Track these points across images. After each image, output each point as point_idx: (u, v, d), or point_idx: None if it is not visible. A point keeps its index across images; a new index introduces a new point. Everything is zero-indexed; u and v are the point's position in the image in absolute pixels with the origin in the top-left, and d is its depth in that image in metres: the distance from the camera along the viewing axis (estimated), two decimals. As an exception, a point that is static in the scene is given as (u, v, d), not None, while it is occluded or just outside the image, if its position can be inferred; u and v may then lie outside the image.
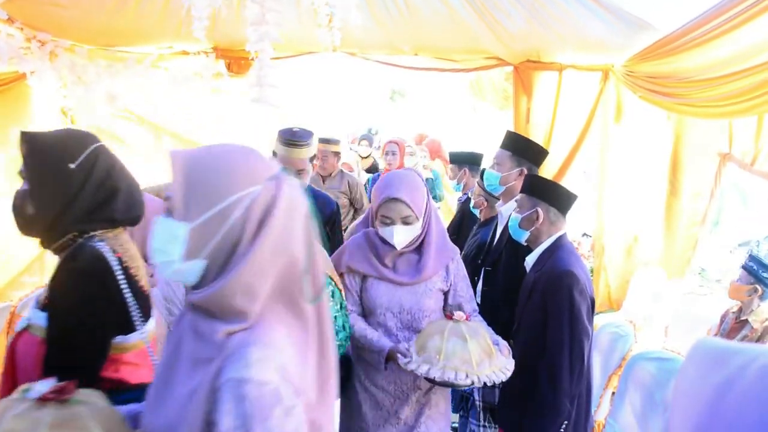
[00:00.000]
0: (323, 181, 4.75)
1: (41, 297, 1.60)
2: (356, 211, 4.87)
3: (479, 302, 2.88)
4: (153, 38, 4.18)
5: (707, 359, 0.60)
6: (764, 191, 4.41)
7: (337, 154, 4.80)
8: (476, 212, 3.56)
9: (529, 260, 2.53)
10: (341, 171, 4.90)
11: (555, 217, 2.45)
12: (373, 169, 6.56)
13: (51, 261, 4.05)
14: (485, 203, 3.40)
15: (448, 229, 4.15)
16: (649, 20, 3.61)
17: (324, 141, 4.65)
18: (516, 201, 2.59)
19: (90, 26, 3.89)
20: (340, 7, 3.03)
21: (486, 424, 2.83)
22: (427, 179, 5.64)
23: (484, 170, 3.20)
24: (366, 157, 6.78)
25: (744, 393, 0.53)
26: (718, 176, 4.11)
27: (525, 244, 2.55)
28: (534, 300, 2.38)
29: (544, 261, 2.42)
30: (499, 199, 3.10)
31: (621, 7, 3.54)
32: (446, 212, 6.41)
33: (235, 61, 4.35)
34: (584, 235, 4.74)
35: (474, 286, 2.97)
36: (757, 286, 3.19)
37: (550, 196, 2.46)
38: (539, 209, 2.44)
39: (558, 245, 2.43)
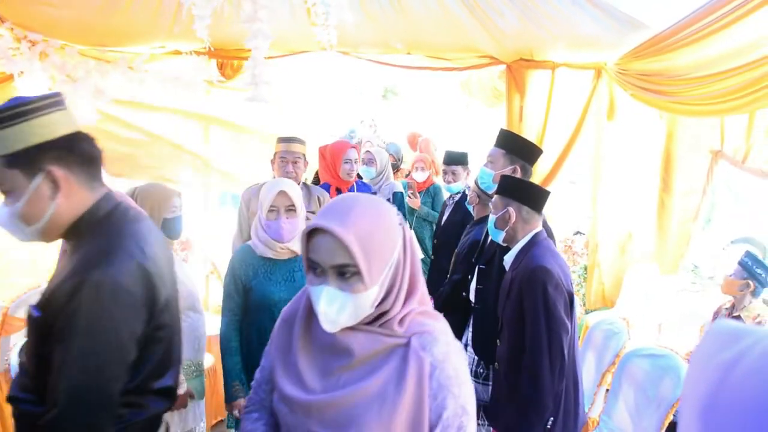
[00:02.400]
0: None
1: None
2: None
3: (474, 300, 2.89)
4: (145, 38, 4.16)
5: (719, 340, 0.63)
6: (756, 188, 4.44)
7: (304, 158, 3.64)
8: (470, 209, 3.56)
9: (507, 259, 2.55)
10: (305, 184, 3.72)
11: (528, 215, 2.47)
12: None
13: (45, 262, 4.05)
14: (477, 200, 3.41)
15: (449, 230, 4.13)
16: (641, 18, 3.62)
17: (286, 140, 3.57)
18: (491, 203, 2.61)
19: (82, 26, 3.87)
20: (334, 6, 3.03)
21: (480, 422, 2.84)
22: (394, 194, 4.58)
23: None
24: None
25: (747, 369, 0.55)
26: (710, 173, 4.14)
27: (504, 244, 2.57)
28: (512, 299, 2.39)
29: (520, 259, 2.43)
30: (492, 197, 3.10)
31: (613, 5, 3.55)
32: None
33: (228, 61, 4.34)
34: (577, 233, 4.75)
35: (468, 284, 2.98)
36: (750, 281, 3.21)
37: (522, 194, 2.48)
38: (510, 209, 2.46)
39: (533, 243, 2.45)
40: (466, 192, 3.86)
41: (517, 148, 2.92)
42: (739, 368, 0.56)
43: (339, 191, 3.95)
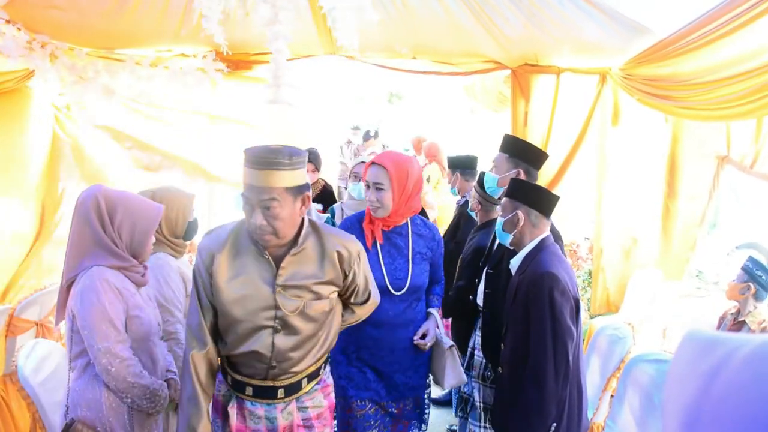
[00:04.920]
0: (277, 267, 1.95)
1: None
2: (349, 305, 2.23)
3: (482, 304, 2.89)
4: (151, 41, 4.18)
5: (696, 348, 0.62)
6: (762, 193, 4.44)
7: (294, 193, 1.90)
8: (473, 215, 3.57)
9: (514, 263, 2.53)
10: (312, 224, 2.05)
11: (536, 220, 2.46)
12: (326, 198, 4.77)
13: (47, 263, 4.07)
14: (479, 206, 3.42)
15: (446, 233, 4.13)
16: (646, 24, 3.63)
17: (257, 163, 1.83)
18: (500, 205, 2.60)
19: (88, 29, 3.89)
20: (350, 9, 3.04)
21: (486, 425, 2.84)
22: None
23: (483, 173, 3.21)
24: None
25: (729, 380, 0.54)
26: (716, 178, 4.14)
27: (511, 247, 2.56)
28: (518, 303, 2.38)
29: (527, 264, 2.43)
30: (497, 203, 3.11)
31: (618, 10, 3.57)
32: (445, 217, 6.29)
33: (234, 63, 4.36)
34: (586, 239, 4.74)
35: (475, 287, 2.98)
36: (750, 284, 3.21)
37: (531, 198, 2.46)
38: (519, 212, 2.45)
39: (540, 248, 2.44)
40: (467, 198, 3.87)
41: (519, 151, 2.93)
42: (719, 380, 0.55)
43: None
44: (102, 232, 2.10)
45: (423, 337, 2.62)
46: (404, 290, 2.56)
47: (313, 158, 4.60)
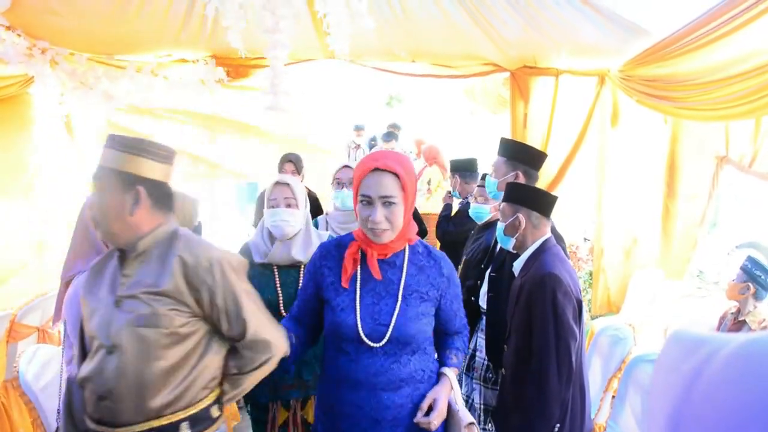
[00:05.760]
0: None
1: None
2: None
3: (485, 307, 2.89)
4: (152, 46, 4.20)
5: (680, 349, 0.62)
6: (761, 193, 4.44)
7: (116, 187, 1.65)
8: (479, 215, 3.56)
9: (516, 265, 2.54)
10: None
11: (537, 221, 2.47)
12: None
13: (45, 267, 4.08)
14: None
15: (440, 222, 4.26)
16: (644, 25, 3.64)
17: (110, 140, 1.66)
18: (499, 210, 2.60)
19: (88, 34, 3.91)
20: (346, 15, 3.06)
21: (486, 426, 2.84)
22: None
23: (485, 174, 3.23)
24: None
25: (711, 380, 0.54)
26: (715, 178, 4.15)
27: (513, 251, 2.56)
28: (520, 305, 2.38)
29: (530, 266, 2.43)
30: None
31: (616, 12, 3.58)
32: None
33: (234, 68, 4.37)
34: (586, 240, 4.75)
35: (477, 290, 2.98)
36: (750, 284, 3.22)
37: (530, 200, 2.47)
38: (520, 215, 2.46)
39: (543, 249, 2.44)
40: (469, 201, 3.88)
41: (516, 153, 2.93)
42: (700, 382, 0.55)
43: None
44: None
45: (429, 411, 1.81)
46: (385, 340, 1.79)
47: (294, 159, 4.23)
